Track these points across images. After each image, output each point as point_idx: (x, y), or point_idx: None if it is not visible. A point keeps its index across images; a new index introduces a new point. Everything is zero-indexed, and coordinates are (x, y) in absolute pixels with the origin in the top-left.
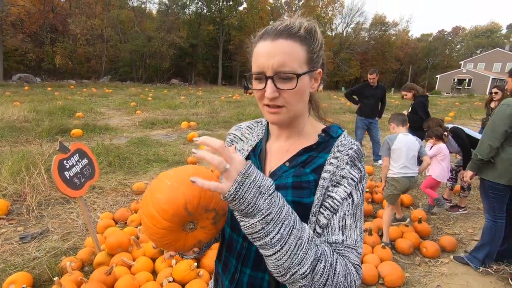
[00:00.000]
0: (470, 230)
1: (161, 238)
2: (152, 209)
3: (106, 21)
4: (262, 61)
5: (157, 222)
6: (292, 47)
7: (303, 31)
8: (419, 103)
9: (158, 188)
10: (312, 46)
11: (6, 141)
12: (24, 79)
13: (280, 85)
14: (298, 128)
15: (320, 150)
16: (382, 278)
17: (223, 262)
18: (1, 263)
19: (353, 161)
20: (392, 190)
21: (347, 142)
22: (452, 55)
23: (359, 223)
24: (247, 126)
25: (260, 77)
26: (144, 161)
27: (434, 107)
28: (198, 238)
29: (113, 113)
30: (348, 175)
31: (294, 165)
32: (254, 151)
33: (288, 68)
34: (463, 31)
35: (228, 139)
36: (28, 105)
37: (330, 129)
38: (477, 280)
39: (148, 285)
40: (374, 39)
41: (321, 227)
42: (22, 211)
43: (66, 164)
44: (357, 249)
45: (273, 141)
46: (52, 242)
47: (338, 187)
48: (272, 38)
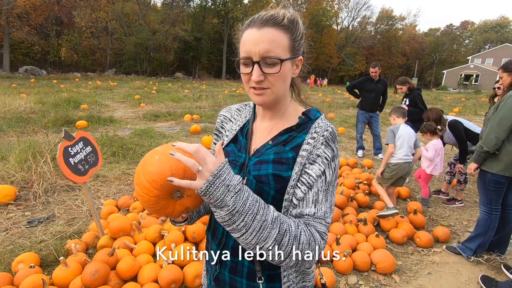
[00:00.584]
0: (465, 222)
1: (152, 205)
2: (143, 180)
3: (111, 13)
4: (249, 47)
5: (149, 191)
6: (277, 35)
7: (286, 20)
8: (417, 95)
9: (149, 162)
10: (294, 34)
11: (14, 131)
12: (30, 72)
13: (266, 70)
14: (281, 110)
15: (299, 130)
16: (374, 265)
17: (212, 230)
18: (10, 244)
19: (327, 142)
20: (392, 174)
21: (323, 125)
22: (460, 50)
23: (329, 198)
24: (236, 108)
25: (247, 62)
26: (147, 152)
27: (440, 103)
28: (186, 205)
29: (117, 105)
30: (323, 154)
31: (276, 143)
32: (241, 131)
33: (272, 54)
34: (472, 26)
35: (218, 119)
36: (34, 97)
37: (310, 112)
38: (467, 269)
39: (148, 266)
40: (381, 34)
41: (298, 199)
42: (29, 197)
43: (71, 151)
44: (326, 219)
45: (259, 121)
46: (58, 226)
47: (313, 164)
48: (258, 26)
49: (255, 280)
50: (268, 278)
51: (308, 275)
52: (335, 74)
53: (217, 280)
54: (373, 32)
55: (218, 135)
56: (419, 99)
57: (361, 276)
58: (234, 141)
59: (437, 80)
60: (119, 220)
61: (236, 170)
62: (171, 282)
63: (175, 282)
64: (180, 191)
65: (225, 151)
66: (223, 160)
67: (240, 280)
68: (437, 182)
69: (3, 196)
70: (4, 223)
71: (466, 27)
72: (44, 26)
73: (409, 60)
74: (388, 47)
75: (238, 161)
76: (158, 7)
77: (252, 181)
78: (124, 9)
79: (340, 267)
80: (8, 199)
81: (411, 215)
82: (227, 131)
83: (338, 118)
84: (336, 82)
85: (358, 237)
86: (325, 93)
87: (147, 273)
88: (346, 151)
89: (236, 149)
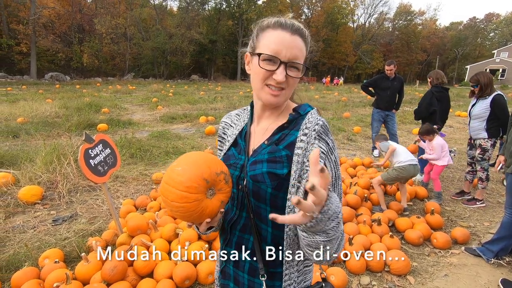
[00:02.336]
0: (487, 223)
1: (194, 211)
2: (177, 191)
3: (129, 19)
4: (280, 48)
5: (187, 199)
6: (302, 45)
7: (307, 36)
8: (426, 94)
9: (175, 175)
10: (307, 48)
11: (40, 135)
12: (55, 78)
13: (290, 72)
14: (278, 111)
15: (291, 128)
16: (388, 265)
17: (221, 228)
18: (37, 241)
19: (320, 135)
20: (397, 176)
21: (313, 119)
22: (484, 44)
23: (336, 189)
24: (236, 113)
25: (273, 59)
26: (163, 153)
27: (462, 99)
28: (221, 199)
29: (136, 108)
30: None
31: (270, 142)
32: (240, 134)
33: (298, 60)
34: (497, 18)
35: (220, 126)
36: (58, 102)
37: (300, 107)
38: (487, 271)
39: (164, 263)
40: (399, 30)
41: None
42: (54, 197)
43: (91, 153)
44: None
45: (256, 124)
46: (80, 225)
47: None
48: (291, 32)
49: (255, 276)
50: (269, 276)
51: (309, 273)
52: (352, 72)
53: (223, 272)
54: (391, 28)
55: (222, 141)
56: (425, 96)
57: (374, 276)
58: (235, 145)
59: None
60: (137, 219)
61: (237, 172)
62: (184, 278)
63: (189, 278)
64: (211, 188)
65: (226, 155)
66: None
67: (242, 275)
68: (457, 182)
69: (30, 196)
70: (32, 221)
71: (491, 19)
72: (68, 34)
73: (429, 56)
74: (407, 43)
75: (239, 163)
76: (174, 11)
77: (249, 181)
78: (141, 14)
79: (353, 267)
80: (36, 199)
81: (428, 215)
82: (228, 136)
83: (354, 117)
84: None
85: (371, 238)
86: (341, 92)
87: (162, 270)
88: (361, 150)
89: (236, 152)
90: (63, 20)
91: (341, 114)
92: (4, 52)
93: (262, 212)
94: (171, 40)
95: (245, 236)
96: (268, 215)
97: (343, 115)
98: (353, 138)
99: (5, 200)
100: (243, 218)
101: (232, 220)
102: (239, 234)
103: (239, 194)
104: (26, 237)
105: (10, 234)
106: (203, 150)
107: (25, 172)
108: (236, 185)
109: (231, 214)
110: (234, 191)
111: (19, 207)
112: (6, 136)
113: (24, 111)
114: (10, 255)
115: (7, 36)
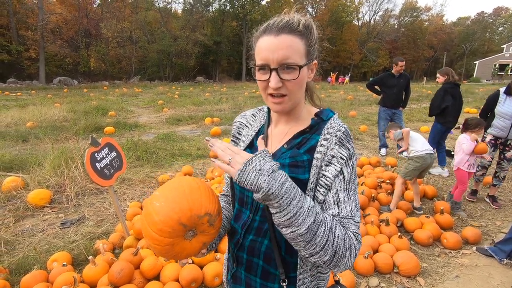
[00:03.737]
0: (499, 223)
1: (168, 253)
2: (151, 232)
3: (134, 23)
4: (266, 54)
5: (160, 241)
6: (294, 41)
7: (302, 26)
8: (440, 90)
9: (151, 211)
10: (309, 40)
11: (49, 139)
12: (63, 82)
13: (284, 76)
14: (296, 114)
15: (312, 132)
16: (397, 267)
17: (231, 231)
18: (46, 244)
19: (341, 142)
20: (416, 166)
21: (335, 125)
22: (493, 39)
23: (352, 196)
24: (251, 113)
25: (265, 68)
26: (169, 155)
27: (471, 96)
28: (202, 241)
29: (142, 111)
30: (338, 155)
31: (291, 146)
32: (257, 136)
33: (291, 60)
34: (506, 12)
35: (234, 126)
36: (66, 106)
37: (322, 113)
38: (500, 272)
39: (170, 265)
40: (405, 26)
41: (320, 203)
42: (62, 200)
43: (97, 156)
44: (354, 218)
45: (274, 126)
46: (88, 228)
47: (329, 166)
48: (275, 33)
49: (268, 280)
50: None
51: (323, 280)
52: (358, 70)
53: (234, 277)
54: (397, 25)
55: (236, 142)
56: (439, 93)
57: (383, 278)
58: (250, 146)
59: (468, 71)
60: None
61: None
62: (191, 281)
63: (195, 281)
64: (192, 229)
65: None
66: (250, 155)
67: (255, 279)
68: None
69: (39, 199)
70: (41, 225)
71: (499, 13)
72: (75, 38)
73: (436, 52)
74: (414, 39)
75: None
76: (179, 13)
77: None
78: (146, 17)
79: (361, 268)
80: (44, 202)
81: (438, 215)
82: (243, 136)
83: (360, 116)
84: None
85: (379, 238)
86: (347, 91)
87: (168, 273)
88: (368, 149)
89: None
90: (70, 25)
91: (347, 113)
92: (13, 58)
93: None
94: (176, 42)
95: (258, 240)
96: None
97: (349, 114)
98: (359, 137)
99: (15, 203)
100: (256, 222)
101: (246, 224)
102: (253, 238)
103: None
104: (35, 241)
105: (19, 237)
106: (208, 151)
107: (34, 176)
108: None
109: (244, 218)
110: (249, 194)
111: (28, 210)
112: (16, 141)
113: (33, 116)
114: (19, 258)
115: (17, 42)
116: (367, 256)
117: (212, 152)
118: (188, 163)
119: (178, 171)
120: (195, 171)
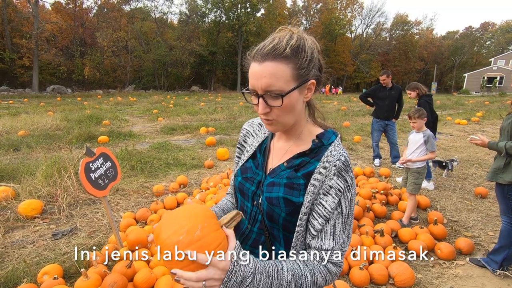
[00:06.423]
0: (491, 233)
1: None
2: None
3: (130, 33)
4: (253, 82)
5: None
6: (277, 68)
7: (289, 50)
8: (424, 103)
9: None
10: (299, 62)
11: (41, 148)
12: (56, 90)
13: (270, 102)
14: (296, 133)
15: (312, 156)
16: (392, 278)
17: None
18: (36, 256)
19: (340, 172)
20: (422, 177)
21: (336, 153)
22: (481, 52)
23: (347, 228)
24: (258, 123)
25: (254, 94)
26: (164, 165)
27: (461, 107)
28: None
29: (136, 120)
30: (336, 186)
31: (290, 166)
32: (260, 148)
33: (274, 87)
34: (493, 27)
35: (241, 133)
36: (60, 114)
37: (324, 135)
38: (493, 283)
39: (165, 277)
40: (396, 39)
41: (316, 231)
42: (54, 211)
43: (92, 167)
44: (343, 248)
45: (276, 140)
46: (80, 239)
47: (327, 196)
48: (259, 60)
49: None
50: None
51: None
52: (351, 81)
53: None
54: (388, 38)
55: (241, 149)
56: (424, 106)
57: None
58: (253, 158)
59: (458, 83)
60: (137, 233)
61: (253, 187)
62: None
63: None
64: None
65: (244, 167)
66: (231, 254)
67: None
68: (459, 191)
69: (30, 210)
70: (31, 236)
71: (486, 28)
72: (70, 47)
73: (427, 65)
74: (405, 52)
75: (256, 178)
76: (175, 24)
77: (265, 202)
78: (142, 27)
79: (356, 279)
80: (35, 213)
81: (431, 225)
82: (248, 146)
83: (354, 127)
84: (351, 90)
85: (375, 249)
86: (340, 101)
87: (163, 285)
88: (362, 160)
89: (254, 166)
90: (66, 34)
91: (341, 123)
92: (6, 66)
93: (275, 232)
94: (172, 52)
95: (255, 251)
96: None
97: (343, 125)
98: (353, 148)
99: (5, 214)
100: (254, 233)
101: (244, 234)
102: (250, 248)
103: (253, 210)
104: (25, 253)
105: (9, 249)
106: (203, 161)
107: (25, 186)
108: (252, 200)
109: (243, 228)
110: (248, 205)
111: (18, 221)
112: (7, 150)
113: (25, 124)
114: (8, 271)
115: (10, 50)
116: (362, 268)
117: (208, 162)
118: (183, 173)
119: (172, 181)
120: (190, 181)
